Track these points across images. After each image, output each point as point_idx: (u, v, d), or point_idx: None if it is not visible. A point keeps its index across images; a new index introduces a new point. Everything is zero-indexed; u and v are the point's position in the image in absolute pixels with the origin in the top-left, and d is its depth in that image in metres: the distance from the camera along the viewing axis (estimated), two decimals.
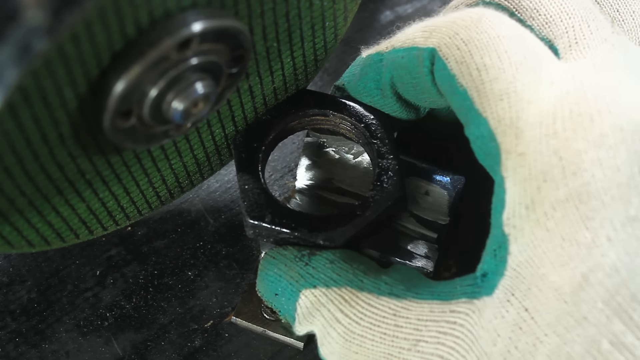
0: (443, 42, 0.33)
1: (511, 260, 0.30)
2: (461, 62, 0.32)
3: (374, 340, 0.32)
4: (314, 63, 0.39)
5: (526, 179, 0.30)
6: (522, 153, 0.30)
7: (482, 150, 0.32)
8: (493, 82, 0.31)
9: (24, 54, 0.26)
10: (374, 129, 0.38)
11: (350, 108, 0.39)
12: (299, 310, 0.34)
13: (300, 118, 0.40)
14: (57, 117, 0.30)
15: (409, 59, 0.34)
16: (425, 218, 0.40)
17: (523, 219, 0.29)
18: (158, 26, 0.30)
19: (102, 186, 0.36)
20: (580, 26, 0.33)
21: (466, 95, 0.32)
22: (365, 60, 0.38)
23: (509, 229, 0.30)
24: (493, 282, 0.30)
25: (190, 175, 0.40)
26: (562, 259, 0.28)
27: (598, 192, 0.28)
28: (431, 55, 0.33)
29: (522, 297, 0.29)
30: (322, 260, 0.34)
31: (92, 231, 0.38)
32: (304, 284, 0.34)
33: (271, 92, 0.39)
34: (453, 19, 0.33)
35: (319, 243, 0.35)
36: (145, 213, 0.40)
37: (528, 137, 0.30)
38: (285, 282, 0.35)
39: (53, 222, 0.35)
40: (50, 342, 0.40)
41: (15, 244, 0.35)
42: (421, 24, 0.35)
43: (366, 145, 0.39)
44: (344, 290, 0.33)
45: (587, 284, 0.28)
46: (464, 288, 0.32)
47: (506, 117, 0.30)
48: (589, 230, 0.28)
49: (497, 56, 0.31)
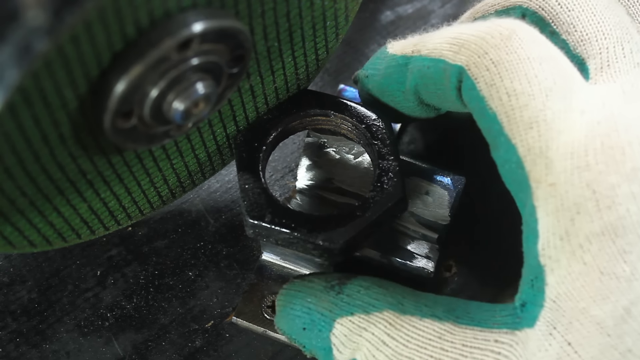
0: (472, 60, 0.32)
1: (549, 292, 0.30)
2: (491, 85, 0.31)
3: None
4: (315, 63, 0.39)
5: (559, 209, 0.29)
6: (552, 184, 0.30)
7: (509, 175, 0.32)
8: (523, 109, 0.31)
9: (25, 54, 0.26)
10: (375, 130, 0.38)
11: (351, 109, 0.39)
12: (336, 340, 0.34)
13: (302, 118, 0.40)
14: (58, 117, 0.30)
15: (435, 70, 0.34)
16: (426, 218, 0.40)
17: (558, 250, 0.29)
18: (158, 26, 0.30)
19: (103, 186, 0.36)
20: (615, 48, 0.33)
21: (495, 119, 0.31)
22: (389, 60, 0.37)
23: (544, 259, 0.30)
24: (533, 313, 0.30)
25: (192, 175, 0.40)
26: (602, 293, 0.28)
27: (634, 226, 0.28)
28: (459, 72, 0.33)
29: (565, 331, 0.29)
30: (355, 288, 0.34)
31: (94, 231, 0.38)
32: (339, 312, 0.34)
33: (272, 92, 0.39)
34: (483, 34, 0.32)
35: (318, 243, 0.35)
36: (147, 213, 0.40)
37: (559, 168, 0.30)
38: (315, 314, 0.34)
39: (54, 222, 0.35)
40: (51, 342, 0.40)
41: (16, 244, 0.35)
42: (450, 32, 0.34)
43: (367, 146, 0.39)
44: (386, 313, 0.33)
45: (629, 316, 0.28)
46: (504, 318, 0.31)
47: (536, 146, 0.30)
48: (627, 263, 0.28)
49: (527, 81, 0.31)
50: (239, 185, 0.37)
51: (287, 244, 0.36)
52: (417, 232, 0.40)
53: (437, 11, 0.51)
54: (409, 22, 0.50)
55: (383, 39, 0.50)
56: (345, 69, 0.48)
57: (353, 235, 0.35)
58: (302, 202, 0.42)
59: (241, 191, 0.37)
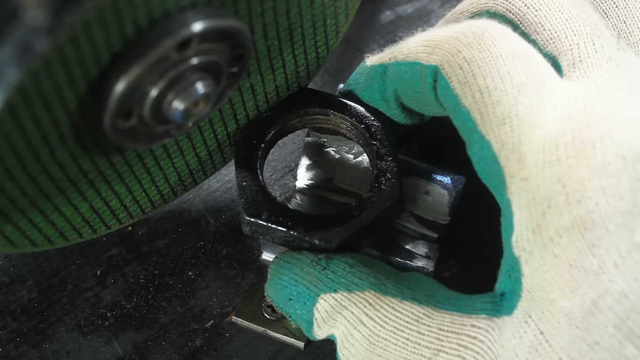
0: (445, 60, 0.32)
1: (525, 282, 0.30)
2: (464, 83, 0.32)
3: (397, 345, 0.32)
4: (315, 60, 0.39)
5: (531, 203, 0.30)
6: (525, 178, 0.30)
7: (485, 171, 0.32)
8: (495, 106, 0.31)
9: (25, 53, 0.26)
10: (373, 130, 0.38)
11: (351, 108, 0.39)
12: (318, 315, 0.34)
13: (301, 117, 0.40)
14: (58, 117, 0.30)
15: (411, 74, 0.34)
16: (426, 218, 0.40)
17: (531, 243, 0.30)
18: (158, 26, 0.30)
19: (104, 185, 0.36)
20: (585, 44, 0.33)
21: (469, 117, 0.32)
22: (369, 71, 0.38)
23: (518, 251, 0.30)
24: (512, 302, 0.31)
25: (193, 174, 0.40)
26: (570, 285, 0.29)
27: (602, 220, 0.29)
28: (434, 72, 0.33)
29: (538, 320, 0.30)
30: (341, 265, 0.34)
31: (96, 230, 0.38)
32: (323, 288, 0.34)
33: (273, 90, 0.39)
34: (455, 34, 0.33)
35: (314, 242, 0.35)
36: (148, 211, 0.40)
37: (531, 162, 0.30)
38: (301, 286, 0.35)
39: (56, 222, 0.35)
40: (51, 342, 0.40)
41: (18, 243, 0.35)
42: (424, 36, 0.34)
43: (366, 147, 0.39)
44: (368, 293, 0.33)
45: (597, 309, 0.28)
46: (483, 304, 0.32)
47: (509, 141, 0.31)
48: (595, 257, 0.28)
49: (499, 77, 0.31)
50: (237, 182, 0.37)
51: (283, 243, 0.36)
52: (417, 231, 0.40)
53: (437, 11, 0.51)
54: (409, 22, 0.50)
55: (383, 39, 0.50)
56: (345, 68, 0.48)
57: (349, 235, 0.35)
58: (302, 201, 0.42)
59: (239, 188, 0.37)
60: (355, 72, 0.40)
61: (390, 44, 0.49)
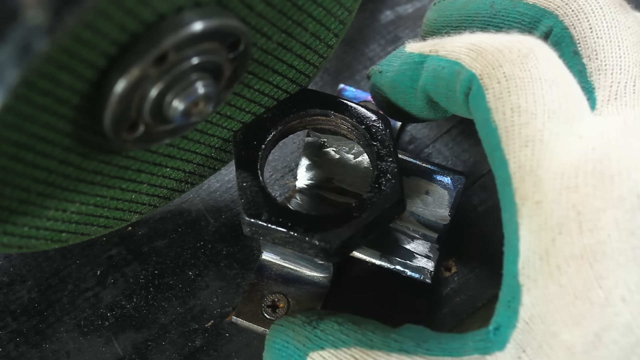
0: (486, 70, 0.32)
1: (523, 312, 0.30)
2: (499, 98, 0.32)
3: None
4: (317, 59, 0.39)
5: (542, 228, 0.29)
6: (539, 201, 0.30)
7: (502, 191, 0.32)
8: (522, 127, 0.31)
9: (25, 53, 0.26)
10: (374, 131, 0.38)
11: (351, 109, 0.39)
12: None
13: (301, 117, 0.40)
14: (58, 117, 0.30)
15: (449, 72, 0.34)
16: (426, 218, 0.40)
17: (537, 270, 0.29)
18: (157, 26, 0.30)
19: (111, 181, 0.36)
20: (627, 83, 0.33)
21: (495, 133, 0.32)
22: (406, 57, 0.37)
23: (523, 279, 0.30)
24: (505, 335, 0.30)
25: (194, 174, 0.40)
26: (574, 318, 0.28)
27: (613, 252, 0.28)
28: (471, 79, 0.33)
29: (534, 355, 0.29)
30: (330, 324, 0.34)
31: (109, 226, 0.38)
32: (310, 346, 0.34)
33: (275, 89, 0.39)
34: (502, 46, 0.33)
35: (314, 243, 0.35)
36: (146, 212, 0.40)
37: (547, 187, 0.30)
38: (292, 347, 0.34)
39: (70, 219, 0.36)
40: (51, 342, 0.40)
41: (39, 238, 0.35)
42: (471, 38, 0.34)
43: (366, 147, 0.39)
44: (354, 349, 0.33)
45: (600, 343, 0.28)
46: (475, 343, 0.31)
47: (527, 164, 0.30)
48: (602, 289, 0.28)
49: (533, 100, 0.31)
50: (237, 183, 0.37)
51: (283, 243, 0.36)
52: (417, 231, 0.40)
53: None
54: (409, 22, 0.50)
55: (383, 39, 0.50)
56: (345, 68, 0.48)
57: (349, 236, 0.35)
58: (302, 201, 0.42)
59: (239, 189, 0.37)
60: (391, 54, 0.39)
61: (390, 44, 0.49)
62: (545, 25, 0.36)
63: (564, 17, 0.35)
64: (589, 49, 0.34)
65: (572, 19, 0.35)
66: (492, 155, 0.32)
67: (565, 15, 0.35)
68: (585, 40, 0.35)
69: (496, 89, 0.32)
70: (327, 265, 0.39)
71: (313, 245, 0.35)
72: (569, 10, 0.35)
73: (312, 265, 0.40)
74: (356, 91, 0.45)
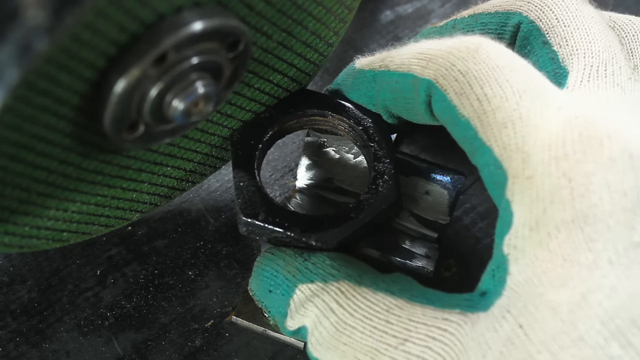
0: (440, 73, 0.33)
1: (510, 281, 0.30)
2: (461, 94, 0.32)
3: (364, 333, 0.32)
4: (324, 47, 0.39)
5: (533, 201, 0.30)
6: (529, 176, 0.30)
7: (490, 179, 0.32)
8: (496, 111, 0.31)
9: (25, 53, 0.26)
10: (371, 132, 0.38)
11: (349, 110, 0.39)
12: (292, 305, 0.34)
13: (299, 118, 0.40)
14: (58, 118, 0.30)
15: (404, 85, 0.35)
16: (426, 217, 0.40)
17: (525, 240, 0.30)
18: (157, 26, 0.30)
19: (112, 180, 0.36)
20: (598, 67, 0.34)
21: (469, 125, 0.32)
22: (357, 74, 0.38)
23: (508, 249, 0.30)
24: (490, 300, 0.30)
25: (194, 173, 0.40)
26: (561, 279, 0.28)
27: (604, 215, 0.28)
28: (427, 86, 0.33)
29: (518, 314, 0.29)
30: (321, 257, 0.35)
31: (112, 225, 0.38)
32: (301, 278, 0.34)
33: (276, 88, 0.39)
34: (449, 48, 0.33)
35: (311, 244, 0.35)
36: (147, 211, 0.40)
37: (536, 160, 0.30)
38: (281, 277, 0.35)
39: (73, 218, 0.36)
40: (51, 342, 0.40)
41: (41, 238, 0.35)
42: (416, 47, 0.35)
43: (363, 148, 0.39)
44: (342, 283, 0.33)
45: (585, 303, 0.28)
46: (459, 301, 0.32)
47: (511, 143, 0.31)
48: (591, 251, 0.28)
49: (498, 85, 0.31)
50: (234, 182, 0.37)
51: (280, 243, 0.36)
52: (417, 231, 0.40)
53: (437, 11, 0.51)
54: (408, 22, 0.50)
55: (383, 39, 0.50)
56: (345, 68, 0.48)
57: (346, 236, 0.35)
58: (302, 201, 0.42)
59: (236, 189, 0.37)
60: (343, 72, 0.40)
61: (390, 44, 0.49)
62: (512, 25, 0.37)
63: (529, 12, 0.36)
64: (558, 37, 0.35)
65: (538, 12, 0.36)
66: (472, 148, 0.32)
67: (529, 11, 0.36)
68: (553, 30, 0.35)
69: (455, 87, 0.32)
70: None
71: (310, 245, 0.35)
72: (532, 6, 0.36)
73: None
74: None
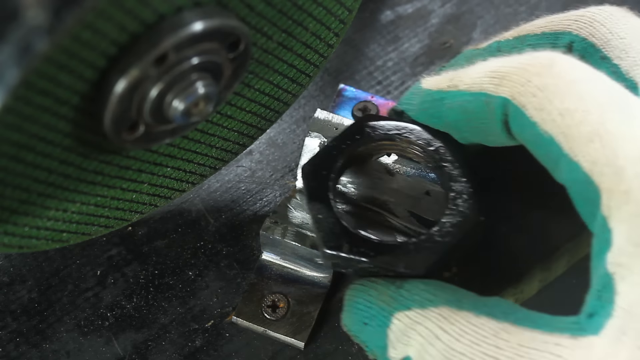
0: (516, 90, 0.32)
1: (620, 300, 0.29)
2: (541, 109, 0.31)
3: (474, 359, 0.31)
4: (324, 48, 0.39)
5: (632, 215, 0.29)
6: (625, 191, 0.29)
7: (579, 196, 0.31)
8: (579, 125, 0.30)
9: (25, 53, 0.26)
10: (443, 152, 0.37)
11: (416, 132, 0.38)
12: (392, 336, 0.33)
13: (367, 144, 0.39)
14: (58, 118, 0.30)
15: (477, 104, 0.33)
16: (426, 218, 0.40)
17: (632, 257, 0.28)
18: (157, 26, 0.30)
19: (112, 181, 0.36)
20: None
21: (552, 142, 0.31)
22: (424, 95, 0.37)
23: (613, 267, 0.29)
24: (599, 323, 0.29)
25: (195, 173, 0.40)
26: None
27: None
28: (503, 104, 0.32)
29: (636, 337, 0.28)
30: (415, 283, 0.33)
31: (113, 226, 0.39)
32: (397, 306, 0.33)
33: (276, 88, 0.39)
34: (522, 65, 0.32)
35: (400, 271, 0.34)
36: (147, 211, 0.40)
37: (630, 174, 0.29)
38: (375, 307, 0.34)
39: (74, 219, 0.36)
40: (51, 342, 0.40)
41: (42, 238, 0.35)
42: (487, 65, 0.34)
43: (436, 170, 0.38)
44: (442, 308, 0.32)
45: None
46: (567, 324, 0.30)
47: (601, 156, 0.29)
48: None
49: (579, 99, 0.30)
50: (311, 215, 0.36)
51: (367, 274, 0.35)
52: (417, 231, 0.40)
53: (437, 11, 0.51)
54: (409, 22, 0.50)
55: (383, 39, 0.50)
56: (345, 68, 0.48)
57: (435, 261, 0.34)
58: (302, 201, 0.42)
59: (315, 221, 0.36)
60: (409, 92, 0.39)
61: (390, 44, 0.49)
62: (562, 45, 0.35)
63: (579, 30, 0.35)
64: (616, 50, 0.34)
65: (589, 29, 0.35)
66: (557, 165, 0.31)
67: (580, 29, 0.35)
68: (609, 44, 0.34)
69: (534, 103, 0.31)
70: (327, 265, 0.39)
71: (399, 273, 0.34)
72: (582, 24, 0.35)
73: (312, 265, 0.40)
74: (356, 91, 0.45)
